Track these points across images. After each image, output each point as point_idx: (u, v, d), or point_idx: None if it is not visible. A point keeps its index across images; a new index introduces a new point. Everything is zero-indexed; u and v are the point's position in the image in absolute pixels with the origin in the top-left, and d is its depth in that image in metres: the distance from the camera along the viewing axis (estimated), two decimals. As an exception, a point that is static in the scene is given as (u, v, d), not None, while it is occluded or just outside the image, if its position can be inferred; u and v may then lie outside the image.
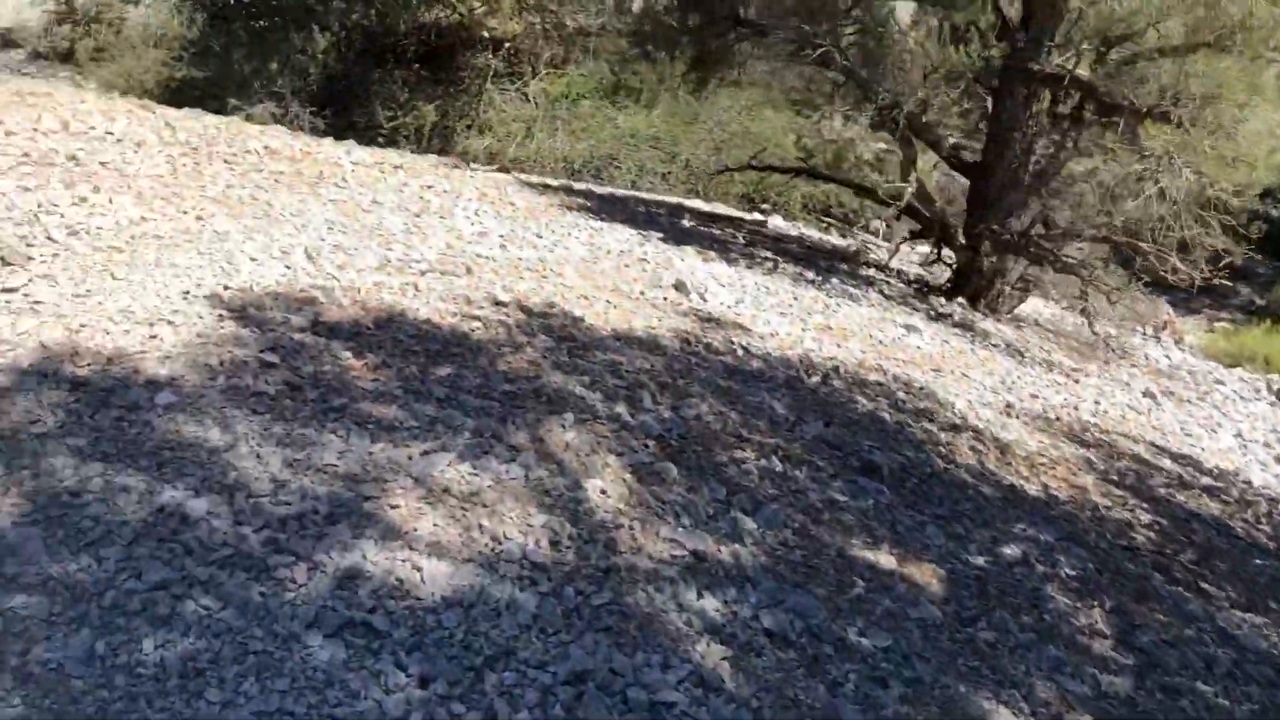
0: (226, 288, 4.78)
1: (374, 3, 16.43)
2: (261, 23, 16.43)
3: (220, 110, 14.79)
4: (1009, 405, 6.58)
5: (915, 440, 5.40)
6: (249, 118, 14.87)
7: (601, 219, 8.64)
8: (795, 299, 7.74)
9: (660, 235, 8.54)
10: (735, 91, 15.28)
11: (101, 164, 5.82)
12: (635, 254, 7.56)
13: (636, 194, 13.28)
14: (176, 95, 15.44)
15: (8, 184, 5.21)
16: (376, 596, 3.34)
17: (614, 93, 14.09)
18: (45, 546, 3.46)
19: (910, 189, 9.26)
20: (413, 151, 15.15)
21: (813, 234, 13.49)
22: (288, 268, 5.14)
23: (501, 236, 6.82)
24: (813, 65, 10.16)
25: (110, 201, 5.31)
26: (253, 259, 5.11)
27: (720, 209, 13.82)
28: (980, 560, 4.37)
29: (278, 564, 3.41)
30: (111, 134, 6.35)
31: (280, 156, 7.07)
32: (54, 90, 7.09)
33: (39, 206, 5.08)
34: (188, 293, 4.65)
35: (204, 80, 15.17)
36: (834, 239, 13.56)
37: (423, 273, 5.57)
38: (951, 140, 10.53)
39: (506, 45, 15.99)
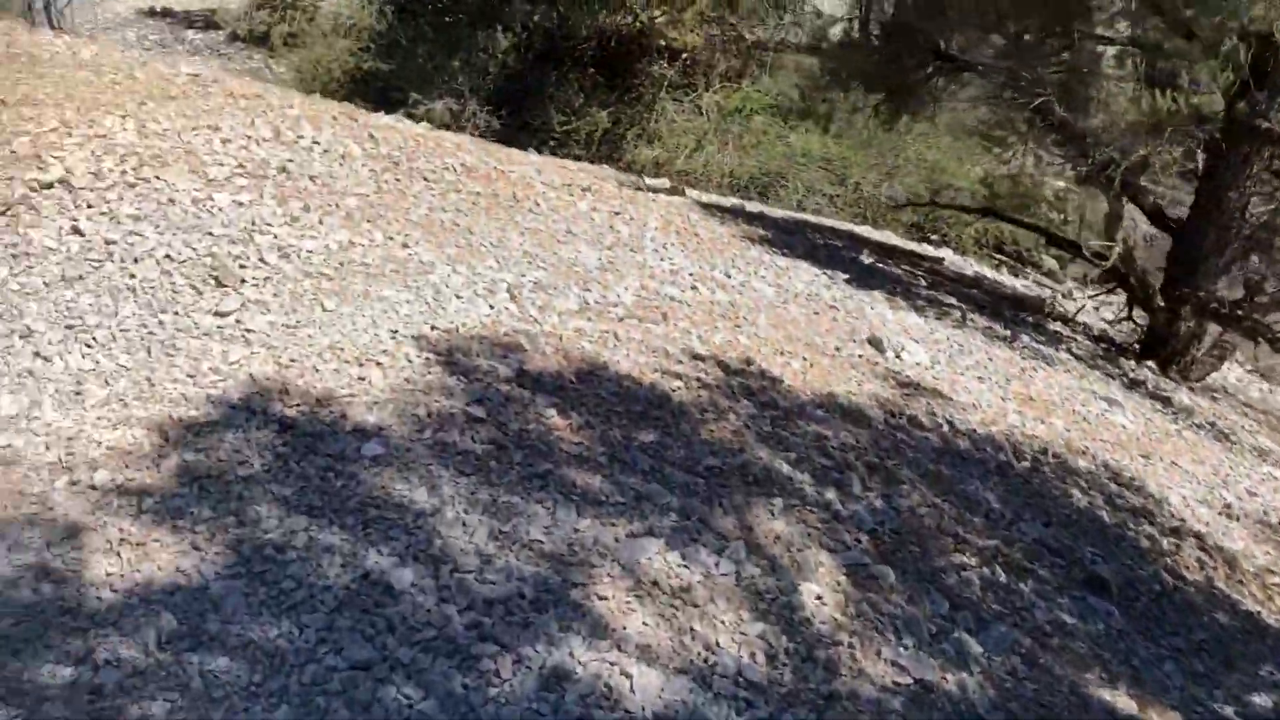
0: (434, 328, 4.60)
1: (557, 5, 16.36)
2: (447, 19, 16.54)
3: (402, 103, 14.97)
4: (1227, 505, 5.95)
5: (1139, 548, 4.88)
6: (429, 113, 15.01)
7: (784, 254, 8.27)
8: (990, 359, 7.22)
9: (845, 276, 8.11)
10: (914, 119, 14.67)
11: (311, 178, 5.74)
12: (824, 298, 7.16)
13: (806, 217, 12.84)
14: (361, 86, 15.69)
15: (224, 197, 5.15)
16: (584, 704, 3.07)
17: (804, 116, 13.63)
18: (247, 604, 3.31)
19: (1118, 249, 8.59)
20: (583, 157, 15.06)
21: (987, 273, 12.80)
22: (491, 307, 4.94)
23: (692, 275, 6.51)
24: (1015, 106, 9.55)
25: (320, 222, 5.21)
26: (458, 296, 4.93)
27: (891, 239, 13.26)
28: (1229, 711, 3.85)
29: (482, 653, 3.18)
30: (318, 144, 6.28)
31: (476, 175, 6.92)
32: (263, 92, 7.09)
33: (253, 224, 5.00)
34: (396, 332, 4.48)
35: (388, 73, 15.34)
36: (1010, 279, 12.85)
37: (620, 319, 5.31)
38: (1155, 196, 9.79)
39: (684, 56, 15.70)
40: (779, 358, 5.58)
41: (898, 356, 6.40)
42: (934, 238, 14.84)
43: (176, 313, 4.41)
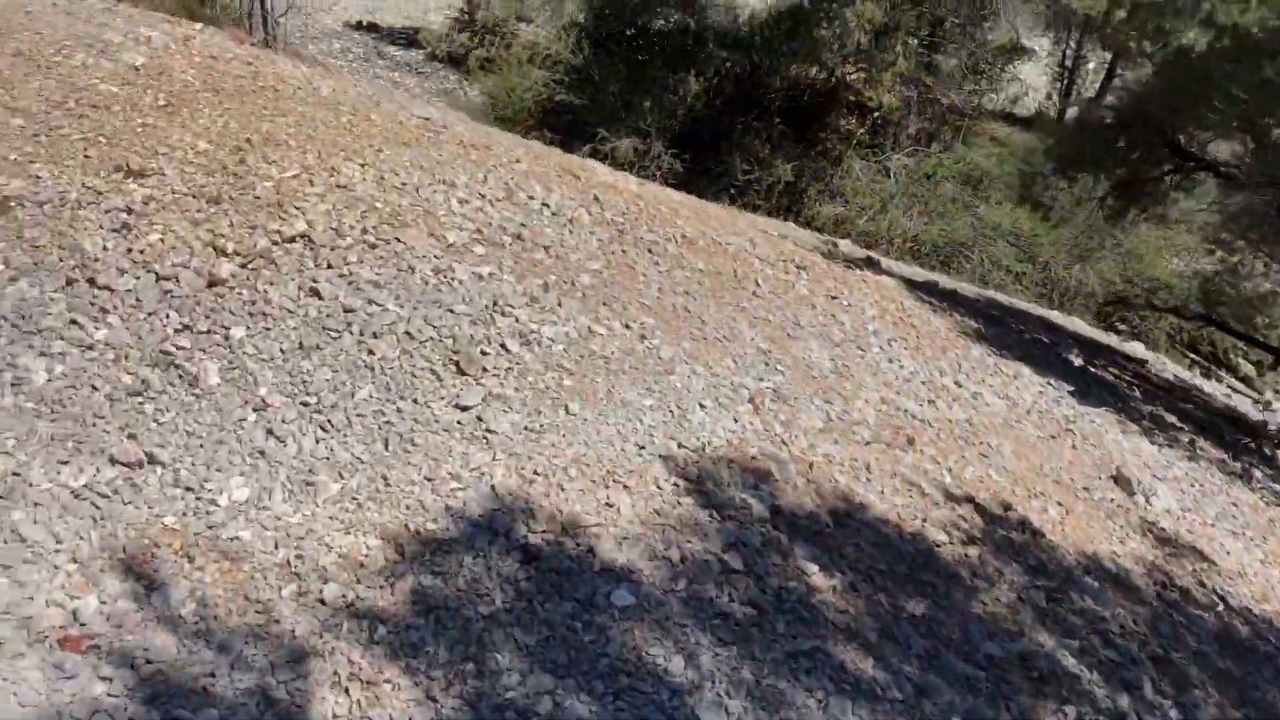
0: (680, 445, 4.10)
1: (752, 53, 15.89)
2: (641, 57, 16.26)
3: (590, 138, 14.70)
4: None
5: None
6: (614, 150, 14.70)
7: (999, 352, 7.55)
8: (1234, 505, 6.38)
9: (1068, 387, 7.35)
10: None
11: (544, 248, 5.34)
12: (1055, 416, 6.45)
13: (995, 296, 12.01)
14: (551, 116, 15.50)
15: (463, 269, 4.78)
16: None
17: (1020, 202, 12.83)
18: (488, 779, 2.85)
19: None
20: (762, 208, 14.50)
21: (1186, 375, 11.74)
22: (735, 420, 4.42)
23: (924, 384, 5.89)
24: (1256, 215, 8.63)
25: (559, 304, 4.78)
26: (701, 405, 4.42)
27: (1081, 327, 12.30)
28: None
29: None
30: (548, 206, 5.90)
31: (696, 248, 6.44)
32: (490, 141, 6.77)
33: (494, 303, 4.60)
34: (643, 448, 4.00)
35: (578, 106, 15.09)
36: (1212, 386, 11.75)
37: (867, 441, 4.72)
38: None
39: (875, 115, 15.02)
40: (1033, 501, 4.91)
41: (1147, 501, 5.65)
42: (1122, 328, 13.80)
43: (416, 400, 4.02)
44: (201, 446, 3.77)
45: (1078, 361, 9.09)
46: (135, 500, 3.59)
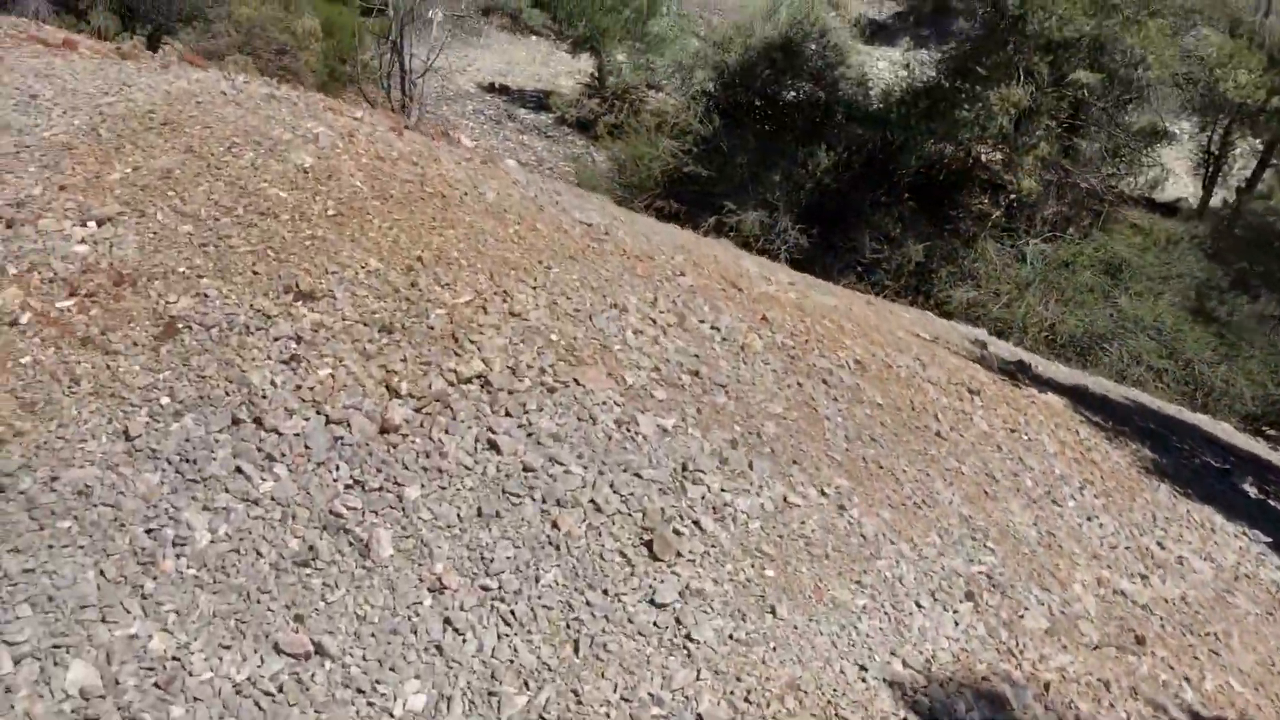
0: (905, 664, 3.50)
1: (887, 129, 15.26)
2: (769, 128, 15.78)
3: (717, 211, 14.22)
4: None
5: None
6: (740, 223, 14.20)
7: (1183, 492, 6.78)
8: None
9: (1265, 539, 6.54)
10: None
11: (723, 387, 4.82)
12: (1263, 582, 5.71)
13: (1142, 399, 11.10)
14: (677, 185, 15.06)
15: (647, 422, 4.27)
16: None
17: (1194, 316, 11.95)
18: None
19: None
20: (890, 289, 13.80)
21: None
22: (956, 624, 3.81)
23: (1129, 550, 5.20)
24: None
25: (750, 466, 4.24)
26: (917, 604, 3.82)
27: (1231, 434, 11.29)
28: None
29: None
30: (718, 330, 5.39)
31: (868, 374, 5.85)
32: (652, 249, 6.29)
33: (683, 468, 4.08)
34: (864, 669, 3.41)
35: (705, 178, 14.63)
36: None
37: (1095, 645, 4.06)
38: None
39: (1011, 196, 14.24)
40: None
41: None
42: (1271, 432, 12.72)
43: (606, 591, 3.50)
44: (374, 636, 3.31)
45: (1253, 493, 8.24)
46: (301, 702, 3.14)
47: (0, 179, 4.98)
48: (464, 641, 3.31)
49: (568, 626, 3.37)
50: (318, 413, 4.00)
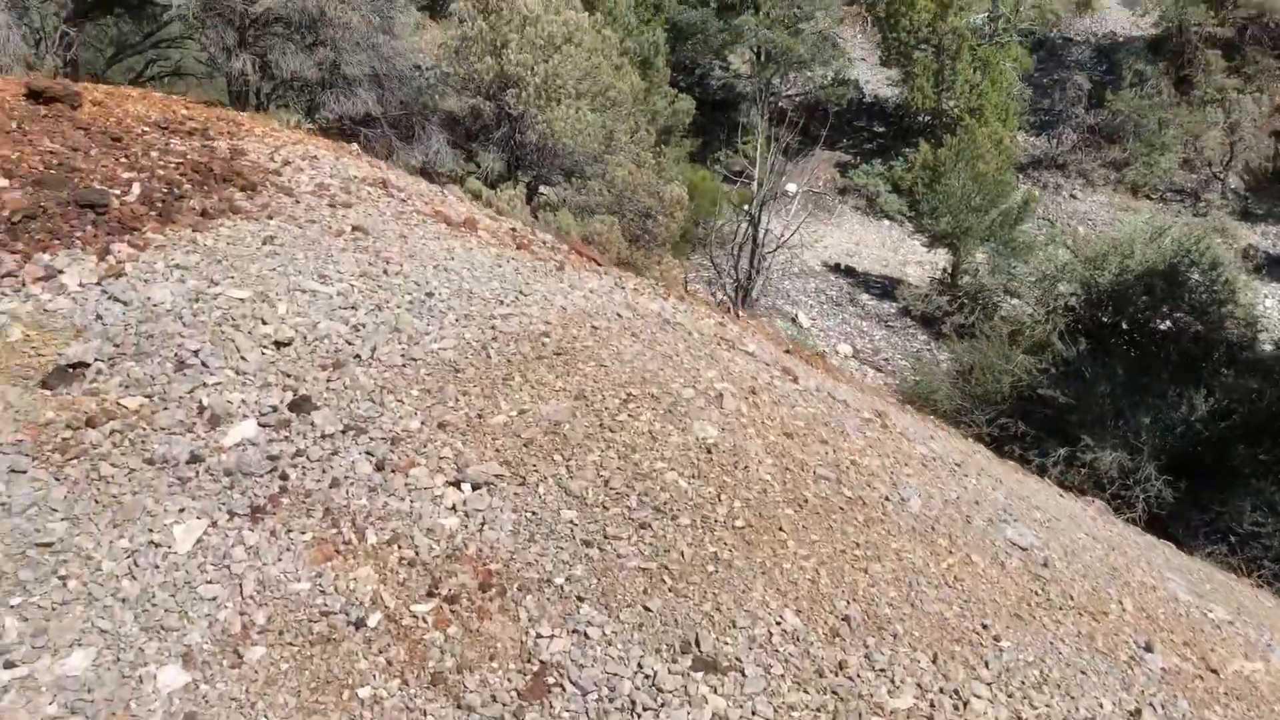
0: None
1: (1275, 377, 12.59)
2: (1134, 353, 13.51)
3: (1069, 442, 12.10)
4: None
5: None
6: (1094, 460, 11.99)
7: None
8: None
9: None
10: None
11: None
12: None
13: None
14: (1023, 404, 13.05)
15: None
16: None
17: None
18: None
19: None
20: (1270, 571, 11.03)
21: None
22: None
23: None
24: None
25: None
26: None
27: None
28: None
29: None
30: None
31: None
32: (1100, 595, 4.63)
33: None
34: None
35: (1060, 404, 12.54)
36: None
37: None
38: None
39: None
40: None
41: None
42: None
43: None
44: None
45: None
46: None
47: (380, 400, 4.20)
48: None
49: None
50: None
